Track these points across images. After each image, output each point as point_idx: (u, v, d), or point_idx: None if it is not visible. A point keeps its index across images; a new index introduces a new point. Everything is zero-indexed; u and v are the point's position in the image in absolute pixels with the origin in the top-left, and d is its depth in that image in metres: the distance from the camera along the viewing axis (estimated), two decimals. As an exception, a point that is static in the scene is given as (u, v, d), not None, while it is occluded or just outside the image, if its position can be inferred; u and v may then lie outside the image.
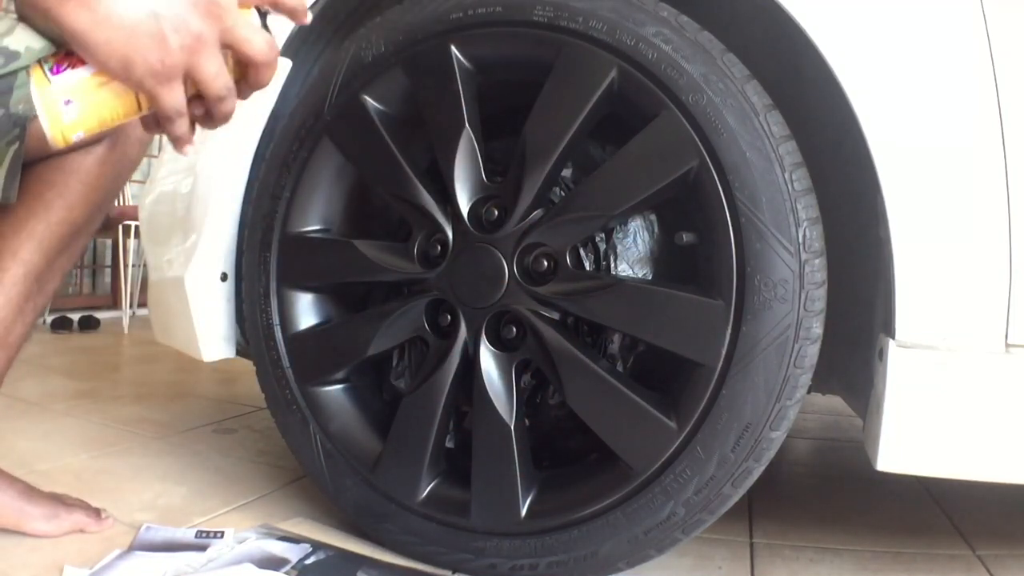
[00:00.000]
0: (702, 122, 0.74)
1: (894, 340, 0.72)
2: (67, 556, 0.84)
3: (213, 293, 1.04)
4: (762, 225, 0.72)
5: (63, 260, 0.90)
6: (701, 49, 0.75)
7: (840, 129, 0.75)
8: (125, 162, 0.91)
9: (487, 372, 0.83)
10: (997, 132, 0.69)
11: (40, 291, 0.89)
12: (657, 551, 0.79)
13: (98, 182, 0.89)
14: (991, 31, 0.69)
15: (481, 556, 0.84)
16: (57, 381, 2.02)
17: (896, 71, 0.71)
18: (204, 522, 0.99)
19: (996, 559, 0.98)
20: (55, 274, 0.90)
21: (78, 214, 0.88)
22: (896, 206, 0.70)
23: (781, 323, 0.72)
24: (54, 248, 0.87)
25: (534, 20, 0.81)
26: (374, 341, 0.90)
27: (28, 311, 0.88)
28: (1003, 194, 0.69)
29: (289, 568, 0.83)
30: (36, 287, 0.88)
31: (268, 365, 0.97)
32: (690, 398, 0.76)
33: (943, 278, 0.70)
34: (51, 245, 0.87)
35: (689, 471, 0.75)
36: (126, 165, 0.92)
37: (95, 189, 0.89)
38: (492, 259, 0.83)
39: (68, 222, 0.88)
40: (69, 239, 0.89)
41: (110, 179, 0.90)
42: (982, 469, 0.72)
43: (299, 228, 0.95)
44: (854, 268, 0.85)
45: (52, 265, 0.88)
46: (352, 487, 0.92)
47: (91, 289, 4.19)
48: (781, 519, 1.10)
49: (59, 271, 0.91)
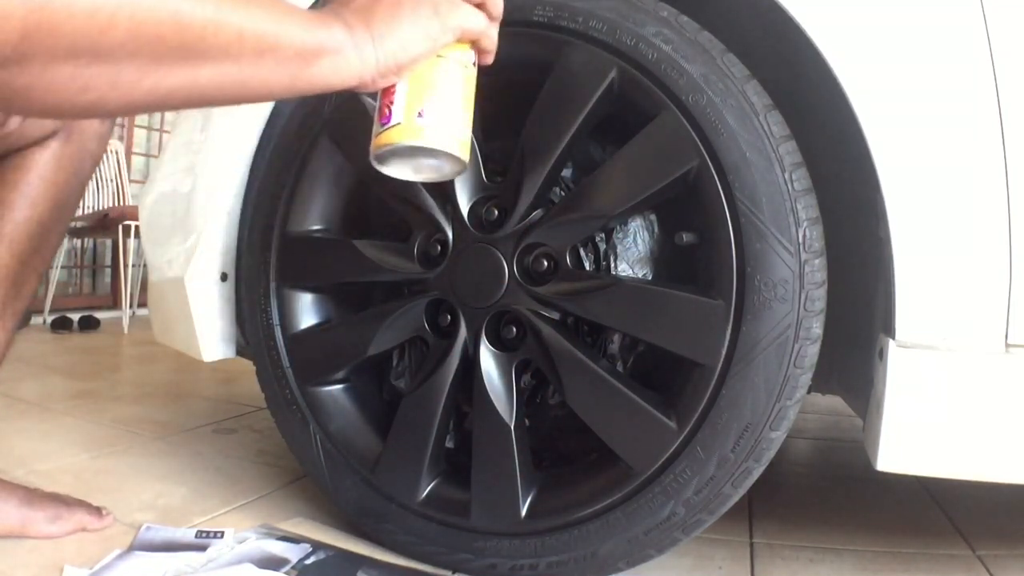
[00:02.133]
0: (702, 122, 0.74)
1: (894, 340, 0.72)
2: (67, 556, 0.84)
3: (213, 293, 1.04)
4: (762, 225, 0.72)
5: (36, 260, 0.90)
6: (701, 49, 0.75)
7: (840, 129, 0.75)
8: (84, 155, 0.92)
9: (487, 372, 0.83)
10: (997, 132, 0.69)
11: (17, 295, 0.89)
12: (657, 551, 0.79)
13: (57, 177, 0.89)
14: (991, 30, 0.69)
15: (481, 556, 0.84)
16: (57, 381, 2.02)
17: (896, 71, 0.71)
18: (204, 522, 0.99)
19: (996, 559, 0.98)
20: (30, 276, 0.90)
21: (43, 211, 0.89)
22: (896, 206, 0.70)
23: (781, 323, 0.72)
24: (25, 248, 0.88)
25: (534, 20, 0.81)
26: (374, 341, 0.90)
27: (7, 316, 0.88)
28: (1003, 194, 0.69)
29: (289, 568, 0.83)
30: (13, 291, 0.88)
31: (268, 365, 0.97)
32: (690, 398, 0.76)
33: (943, 278, 0.70)
34: (21, 246, 0.87)
35: (689, 471, 0.75)
36: (85, 158, 0.92)
37: (55, 184, 0.89)
38: (492, 259, 0.83)
39: (34, 220, 0.88)
40: (39, 239, 0.89)
41: (70, 173, 0.91)
42: (982, 469, 0.72)
43: (299, 228, 0.95)
44: (854, 268, 0.85)
45: (26, 266, 0.89)
46: (352, 487, 0.92)
47: (91, 289, 4.19)
48: (781, 519, 1.10)
49: (34, 272, 0.91)
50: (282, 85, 0.56)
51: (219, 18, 0.50)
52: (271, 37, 0.53)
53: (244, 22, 0.51)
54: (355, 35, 0.59)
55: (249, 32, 0.52)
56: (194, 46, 0.49)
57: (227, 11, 0.50)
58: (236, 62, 0.52)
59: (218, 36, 0.50)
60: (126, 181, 3.89)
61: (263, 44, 0.53)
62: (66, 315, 3.33)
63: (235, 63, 0.52)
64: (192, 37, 0.48)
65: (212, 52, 0.50)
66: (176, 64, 0.49)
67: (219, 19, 0.50)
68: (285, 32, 0.54)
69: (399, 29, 0.60)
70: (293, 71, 0.56)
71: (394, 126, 0.61)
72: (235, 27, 0.51)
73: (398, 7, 0.60)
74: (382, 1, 0.60)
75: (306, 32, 0.56)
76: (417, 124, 0.61)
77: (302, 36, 0.55)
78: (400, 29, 0.60)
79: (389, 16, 0.60)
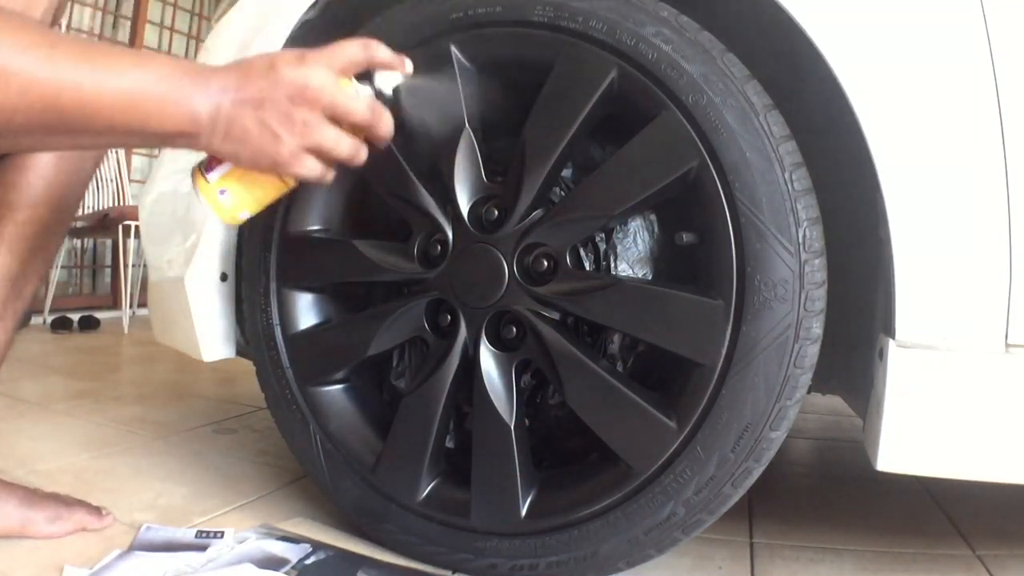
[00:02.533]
0: (702, 122, 0.74)
1: (894, 340, 0.72)
2: (67, 556, 0.84)
3: (213, 293, 1.04)
4: (762, 225, 0.72)
5: (37, 263, 0.90)
6: (701, 49, 0.75)
7: (840, 129, 0.75)
8: (85, 156, 0.92)
9: (487, 372, 0.83)
10: (997, 133, 0.69)
11: (18, 295, 0.88)
12: (657, 551, 0.79)
13: (58, 177, 0.89)
14: (991, 30, 0.69)
15: (481, 556, 0.84)
16: (57, 381, 2.02)
17: (896, 70, 0.71)
18: (204, 522, 0.99)
19: (996, 559, 0.98)
20: (31, 278, 0.90)
21: (44, 211, 0.88)
22: (896, 206, 0.70)
23: (781, 323, 0.72)
24: (26, 250, 0.87)
25: (534, 20, 0.81)
26: (374, 341, 0.90)
27: (8, 317, 0.87)
28: (1003, 193, 0.69)
29: (289, 568, 0.83)
30: (13, 292, 0.87)
31: (268, 365, 0.97)
32: (690, 398, 0.76)
33: (943, 278, 0.70)
34: (22, 247, 0.87)
35: (689, 471, 0.75)
36: (86, 158, 0.92)
37: (56, 184, 0.89)
38: (492, 259, 0.83)
39: (35, 221, 0.87)
40: (39, 239, 0.89)
41: (71, 173, 0.90)
42: (982, 469, 0.72)
43: (299, 228, 0.95)
44: (854, 268, 0.85)
45: (26, 268, 0.88)
46: (352, 487, 0.92)
47: (91, 289, 4.19)
48: (781, 519, 1.10)
49: (35, 273, 0.90)
50: (132, 143, 0.71)
51: (94, 105, 0.60)
52: (137, 126, 0.63)
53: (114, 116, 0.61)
54: (215, 127, 0.65)
55: (120, 124, 0.62)
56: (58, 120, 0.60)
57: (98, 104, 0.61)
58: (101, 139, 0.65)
59: (89, 122, 0.61)
60: (126, 181, 3.89)
61: (132, 129, 0.63)
62: (66, 315, 3.33)
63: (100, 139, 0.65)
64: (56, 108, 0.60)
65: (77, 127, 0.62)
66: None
67: (94, 107, 0.61)
68: (153, 123, 0.63)
69: (245, 144, 0.66)
70: (152, 143, 0.68)
71: (205, 181, 0.71)
72: (105, 121, 0.61)
73: (260, 128, 0.65)
74: (251, 111, 0.65)
75: (172, 120, 0.64)
76: (219, 200, 0.72)
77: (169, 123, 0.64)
78: (246, 144, 0.66)
79: (243, 131, 0.65)
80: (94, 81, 0.60)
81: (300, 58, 0.66)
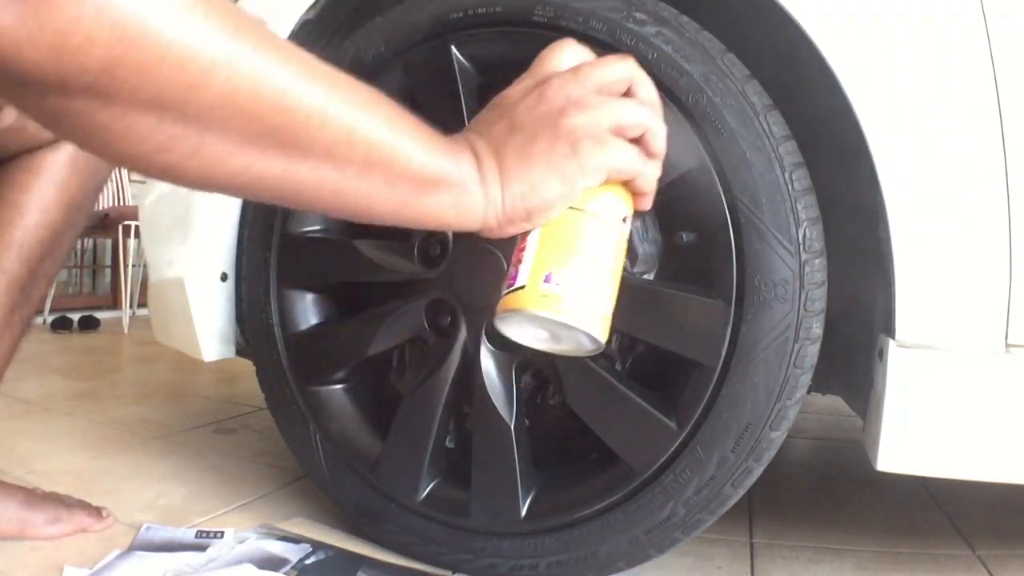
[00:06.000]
0: (702, 122, 0.74)
1: (894, 340, 0.72)
2: (67, 556, 0.84)
3: (213, 293, 1.04)
4: (762, 225, 0.72)
5: (47, 265, 0.86)
6: (701, 49, 0.75)
7: (840, 129, 0.75)
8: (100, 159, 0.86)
9: (487, 372, 0.83)
10: (997, 133, 0.69)
11: (26, 300, 0.85)
12: (657, 551, 0.79)
13: (71, 180, 0.85)
14: (991, 29, 0.69)
15: (481, 556, 0.84)
16: (57, 381, 2.02)
17: (895, 70, 0.71)
18: (204, 522, 0.99)
19: (996, 559, 0.98)
20: (40, 281, 0.86)
21: (55, 216, 0.84)
22: (896, 206, 0.70)
23: (781, 323, 0.72)
24: (35, 254, 0.84)
25: (534, 20, 0.81)
26: (374, 341, 0.90)
27: (15, 322, 0.85)
28: (1003, 193, 0.69)
29: (289, 568, 0.83)
30: (21, 297, 0.84)
31: (268, 365, 0.97)
32: (690, 398, 0.76)
33: (943, 278, 0.70)
34: (31, 252, 0.84)
35: (689, 471, 0.75)
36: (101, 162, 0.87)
37: (69, 188, 0.85)
38: (492, 259, 0.83)
39: (46, 225, 0.84)
40: (50, 243, 0.85)
41: (86, 176, 0.86)
42: (982, 469, 0.72)
43: (299, 228, 0.95)
44: (854, 268, 0.85)
45: (35, 272, 0.85)
46: (352, 487, 0.92)
47: (91, 289, 4.19)
48: (781, 519, 1.10)
49: (44, 277, 0.87)
50: (387, 208, 0.48)
51: (327, 110, 0.42)
52: (385, 149, 0.45)
53: (357, 124, 0.44)
54: (484, 170, 0.51)
55: (360, 137, 0.44)
56: (293, 134, 0.42)
57: (338, 105, 0.43)
58: (339, 168, 0.44)
59: (323, 131, 0.42)
60: (126, 181, 3.89)
61: (373, 155, 0.45)
62: (66, 315, 3.33)
63: (337, 169, 0.44)
64: (292, 123, 0.41)
65: (313, 148, 0.43)
66: (269, 149, 0.42)
67: (327, 112, 0.42)
68: (403, 148, 0.46)
69: (529, 169, 0.51)
70: (404, 195, 0.47)
71: (517, 289, 0.52)
72: (344, 126, 0.43)
73: (531, 141, 0.51)
74: (516, 133, 0.52)
75: (428, 154, 0.48)
76: (543, 290, 0.51)
77: (422, 158, 0.47)
78: (531, 169, 0.51)
79: (520, 151, 0.51)
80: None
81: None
